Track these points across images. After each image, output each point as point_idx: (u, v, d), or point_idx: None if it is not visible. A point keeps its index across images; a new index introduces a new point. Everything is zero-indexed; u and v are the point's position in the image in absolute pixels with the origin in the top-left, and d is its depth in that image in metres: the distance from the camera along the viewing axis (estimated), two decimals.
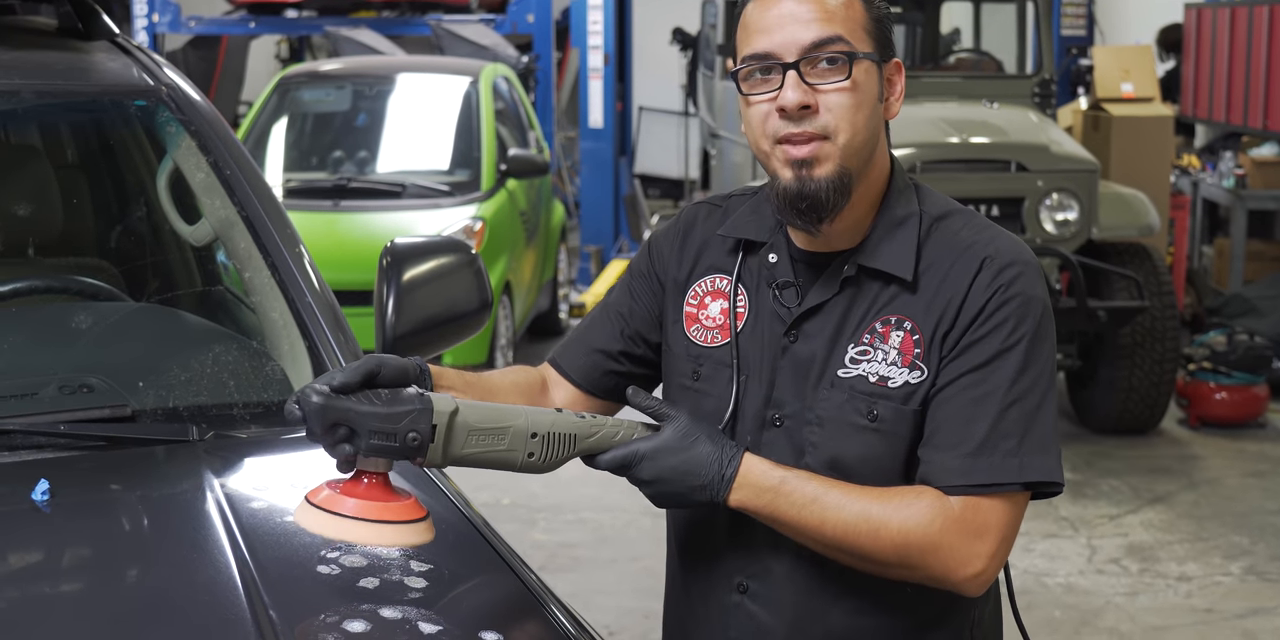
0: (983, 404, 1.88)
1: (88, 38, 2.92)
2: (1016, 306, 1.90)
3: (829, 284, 1.96)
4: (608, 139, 11.30)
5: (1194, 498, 6.57)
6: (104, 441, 2.31)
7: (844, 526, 1.86)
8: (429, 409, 1.78)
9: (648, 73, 14.24)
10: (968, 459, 1.87)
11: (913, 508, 1.86)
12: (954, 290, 1.91)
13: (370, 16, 11.48)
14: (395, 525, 1.80)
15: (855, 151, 1.90)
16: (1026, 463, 1.88)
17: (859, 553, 1.88)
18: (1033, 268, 1.94)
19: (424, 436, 1.78)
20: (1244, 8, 9.68)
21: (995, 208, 6.94)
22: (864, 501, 1.87)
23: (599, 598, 5.28)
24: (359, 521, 1.79)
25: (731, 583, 2.03)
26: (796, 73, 1.88)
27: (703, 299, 2.05)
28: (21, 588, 1.93)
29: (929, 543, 1.86)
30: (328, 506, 1.80)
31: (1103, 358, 7.29)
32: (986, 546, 1.87)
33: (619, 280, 2.18)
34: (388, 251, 2.59)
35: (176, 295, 2.99)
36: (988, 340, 1.89)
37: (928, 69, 8.31)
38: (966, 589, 1.90)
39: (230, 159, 2.77)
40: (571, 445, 1.88)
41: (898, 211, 1.97)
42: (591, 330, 2.15)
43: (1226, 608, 5.34)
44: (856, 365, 1.93)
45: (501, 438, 1.84)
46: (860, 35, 1.90)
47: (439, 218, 7.87)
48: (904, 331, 1.92)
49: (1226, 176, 9.37)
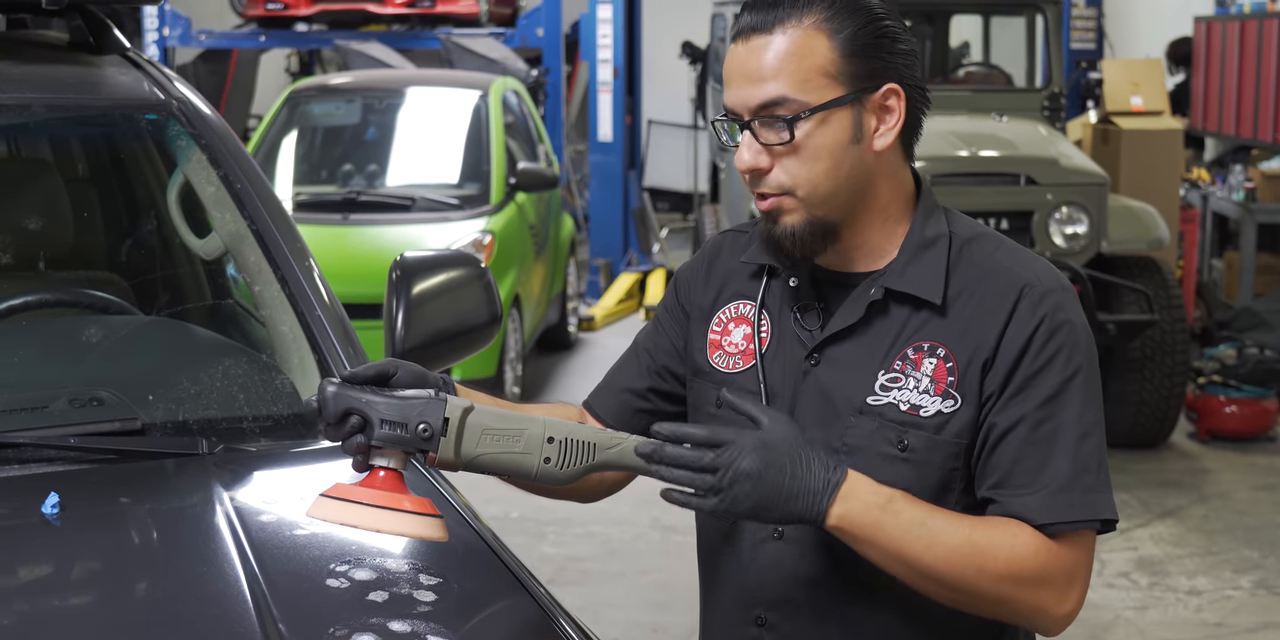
0: (1057, 441, 1.83)
1: (99, 52, 2.93)
2: (1066, 336, 1.85)
3: (854, 308, 1.91)
4: (617, 152, 11.31)
5: (1204, 511, 6.56)
6: (114, 455, 2.31)
7: (950, 553, 1.79)
8: (442, 402, 1.78)
9: (657, 86, 14.25)
10: (1055, 496, 1.82)
11: (1017, 539, 1.81)
12: (992, 318, 1.86)
13: (380, 30, 11.51)
14: (411, 515, 1.79)
15: (822, 200, 1.86)
16: (1104, 499, 1.84)
17: (959, 583, 1.80)
18: (1071, 294, 1.89)
19: (435, 429, 1.77)
20: (1253, 21, 9.68)
21: (1005, 221, 6.94)
22: (967, 529, 1.81)
23: (608, 611, 5.27)
24: (374, 508, 1.78)
25: (750, 615, 1.99)
26: (750, 132, 1.86)
27: (726, 325, 2.02)
28: (31, 601, 1.93)
29: (1034, 577, 1.81)
30: (343, 495, 1.79)
31: (1112, 371, 7.27)
32: (1078, 584, 1.84)
33: (648, 323, 2.15)
34: (397, 265, 2.59)
35: (186, 309, 3.00)
36: (1046, 373, 1.84)
37: (937, 82, 8.31)
38: (1054, 628, 1.86)
39: (240, 172, 2.78)
40: (590, 454, 1.83)
41: (926, 233, 1.92)
42: (620, 371, 2.13)
43: (1237, 622, 5.32)
44: (887, 393, 1.88)
45: (516, 440, 1.81)
46: (817, 82, 1.83)
47: (448, 231, 7.88)
48: (937, 359, 1.87)
49: (1236, 190, 9.37)
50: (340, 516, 1.78)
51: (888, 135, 1.89)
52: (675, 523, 5.91)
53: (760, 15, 1.86)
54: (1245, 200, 9.23)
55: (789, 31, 1.83)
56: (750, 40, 1.85)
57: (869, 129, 1.87)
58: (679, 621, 5.14)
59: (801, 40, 1.83)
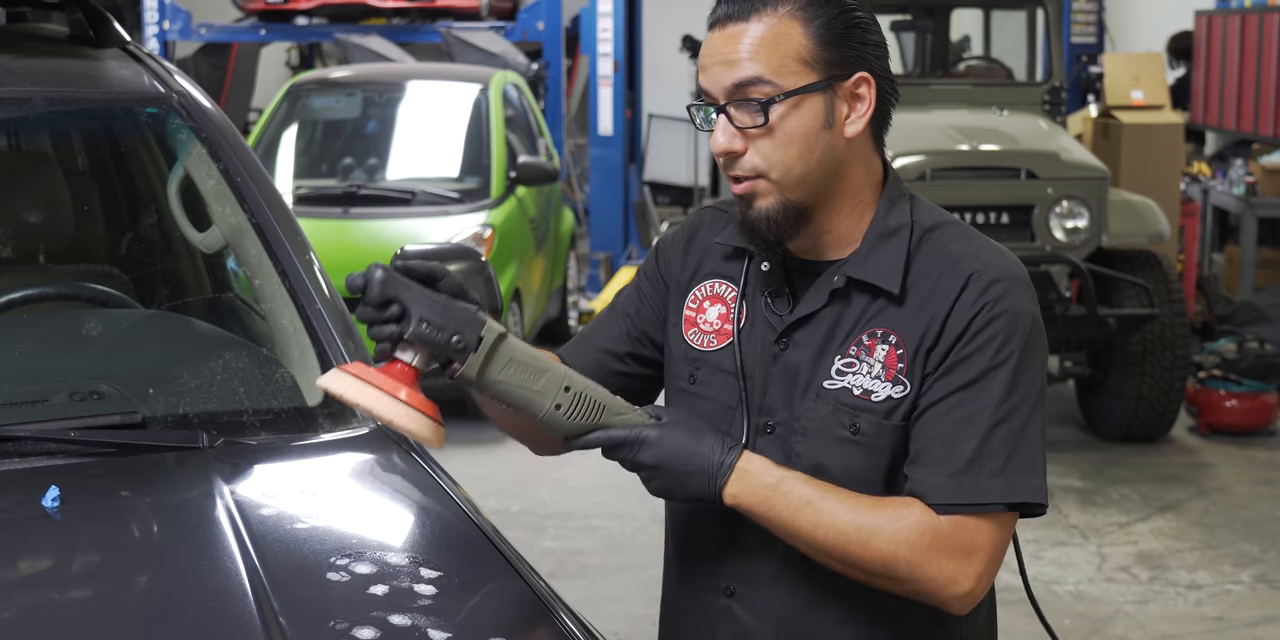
0: (970, 423, 1.88)
1: (99, 45, 2.93)
2: (1004, 323, 1.89)
3: (819, 294, 1.97)
4: (617, 146, 11.30)
5: (1204, 506, 6.56)
6: (114, 448, 2.31)
7: (835, 533, 1.87)
8: (482, 321, 1.80)
9: (657, 80, 14.24)
10: (954, 478, 1.87)
11: (903, 521, 1.87)
12: (939, 305, 1.91)
13: (380, 24, 11.50)
14: (415, 411, 1.81)
15: (795, 183, 1.92)
16: (1012, 483, 1.88)
17: (848, 560, 1.89)
18: (1021, 282, 1.93)
19: (469, 342, 1.79)
20: (1254, 15, 9.68)
21: (1005, 215, 6.94)
22: (857, 510, 1.88)
23: (608, 604, 5.27)
24: (382, 393, 1.79)
25: (720, 586, 2.04)
26: (725, 116, 1.91)
27: (701, 303, 2.07)
28: (32, 594, 1.93)
29: (917, 557, 1.87)
30: (358, 373, 1.80)
31: (1112, 365, 7.28)
32: (974, 567, 1.88)
33: (630, 283, 2.20)
34: (398, 258, 2.59)
35: (187, 302, 3.00)
36: (975, 358, 1.89)
37: (937, 76, 8.30)
38: (952, 608, 1.91)
39: (241, 166, 2.78)
40: (599, 414, 1.87)
41: (889, 222, 1.97)
42: (599, 330, 2.17)
43: (1236, 616, 5.33)
44: (842, 377, 1.94)
45: (538, 378, 1.84)
46: (792, 68, 1.89)
47: (448, 225, 7.88)
48: (889, 345, 1.93)
49: (1237, 184, 9.37)
50: (349, 391, 1.80)
51: (858, 122, 1.94)
52: None
53: (737, 3, 1.92)
54: (1246, 194, 9.23)
55: (765, 19, 1.90)
56: (726, 28, 1.91)
57: (840, 116, 1.92)
58: None
59: (777, 27, 1.89)
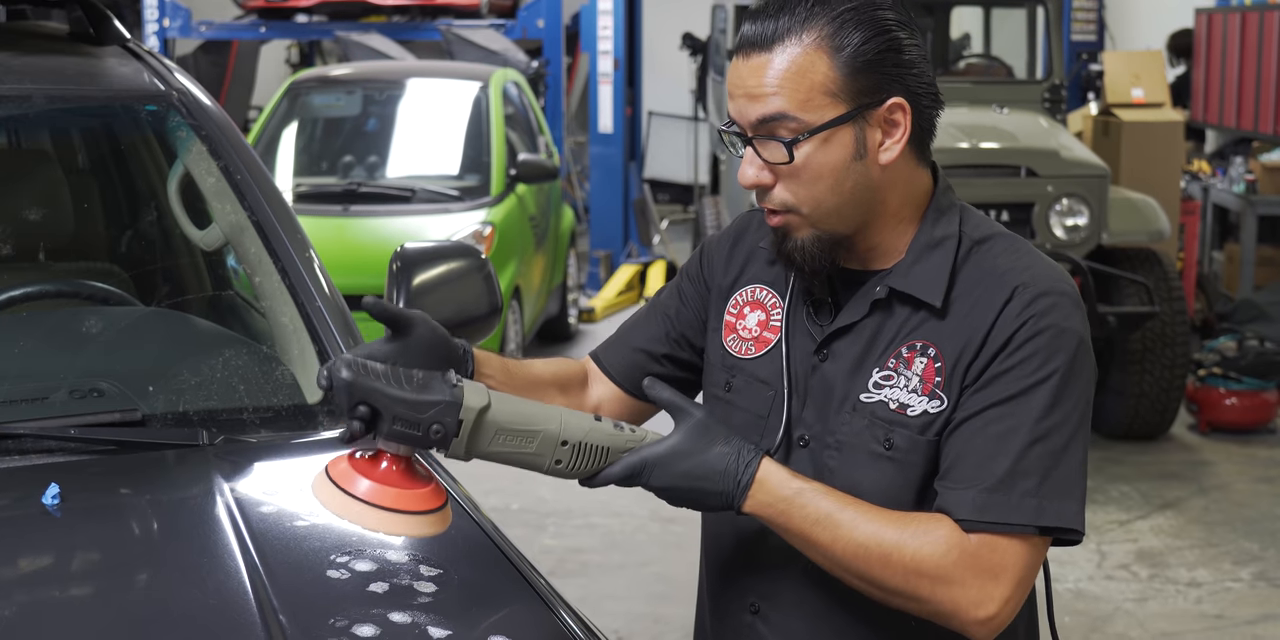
0: (1006, 439, 1.79)
1: (99, 43, 2.93)
2: (1049, 339, 1.80)
3: (860, 305, 1.90)
4: (617, 144, 11.30)
5: (1204, 503, 6.56)
6: (114, 446, 2.31)
7: (855, 546, 1.78)
8: (457, 403, 1.74)
9: (657, 78, 14.24)
10: (985, 494, 1.78)
11: (928, 537, 1.78)
12: (982, 318, 1.83)
13: (380, 21, 11.50)
14: (405, 515, 1.76)
15: (828, 215, 1.85)
16: (1046, 506, 1.78)
17: (867, 577, 1.80)
18: (1070, 299, 1.84)
19: (448, 430, 1.73)
20: (1254, 13, 9.67)
21: (1005, 213, 6.93)
22: (879, 524, 1.79)
23: (608, 603, 5.27)
24: (368, 506, 1.75)
25: (745, 602, 1.99)
26: (753, 148, 1.84)
27: (742, 309, 2.01)
28: (31, 592, 1.93)
29: (941, 574, 1.77)
30: (342, 484, 1.75)
31: (1113, 363, 7.28)
32: (1001, 589, 1.78)
33: (670, 282, 2.14)
34: (398, 256, 2.59)
35: (187, 300, 3.00)
36: (1016, 372, 1.80)
37: (938, 74, 8.26)
38: (975, 632, 1.80)
39: (241, 164, 2.77)
40: (604, 458, 1.81)
41: (935, 233, 1.89)
42: (637, 329, 2.12)
43: (1237, 614, 5.33)
44: (879, 391, 1.87)
45: (530, 441, 1.78)
46: (818, 101, 1.80)
47: (449, 222, 7.88)
48: (928, 358, 1.85)
49: (1237, 182, 9.36)
50: (336, 509, 1.76)
51: (894, 148, 1.86)
52: (675, 515, 5.91)
53: (761, 28, 1.83)
54: (1246, 192, 9.22)
55: (789, 49, 1.81)
56: (750, 58, 1.83)
57: (873, 144, 1.85)
58: (679, 613, 5.14)
59: (801, 60, 1.81)
